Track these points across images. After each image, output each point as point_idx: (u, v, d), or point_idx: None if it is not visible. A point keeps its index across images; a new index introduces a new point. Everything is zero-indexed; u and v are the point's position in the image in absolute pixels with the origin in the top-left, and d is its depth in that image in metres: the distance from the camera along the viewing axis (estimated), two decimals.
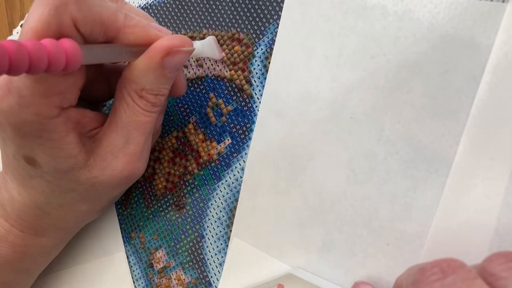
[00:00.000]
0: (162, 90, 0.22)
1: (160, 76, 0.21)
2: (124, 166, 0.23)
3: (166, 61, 0.21)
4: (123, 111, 0.22)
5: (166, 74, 0.21)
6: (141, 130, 0.22)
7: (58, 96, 0.19)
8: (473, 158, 0.19)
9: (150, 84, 0.21)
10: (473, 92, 0.19)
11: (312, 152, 0.22)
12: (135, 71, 0.21)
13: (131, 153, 0.23)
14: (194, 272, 0.26)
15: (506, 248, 0.18)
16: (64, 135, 0.20)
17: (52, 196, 0.23)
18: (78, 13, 0.18)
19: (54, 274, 0.30)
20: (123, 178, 0.23)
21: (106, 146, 0.22)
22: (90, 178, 0.22)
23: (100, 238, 0.29)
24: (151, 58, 0.21)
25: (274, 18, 0.24)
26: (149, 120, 0.22)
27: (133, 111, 0.22)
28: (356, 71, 0.21)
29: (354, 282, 0.21)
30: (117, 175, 0.23)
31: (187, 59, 0.22)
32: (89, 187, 0.23)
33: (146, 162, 0.25)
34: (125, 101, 0.22)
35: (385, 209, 0.21)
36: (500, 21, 0.18)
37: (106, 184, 0.23)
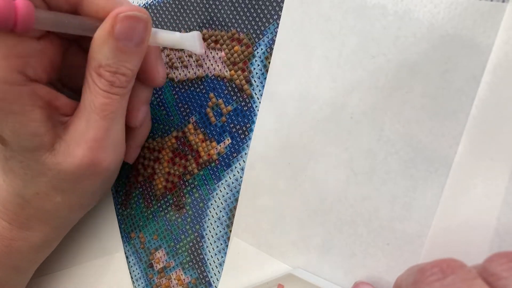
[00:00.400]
0: (120, 68, 0.21)
1: (115, 49, 0.20)
2: (84, 153, 0.21)
3: (117, 31, 0.20)
4: (85, 93, 0.21)
5: (121, 46, 0.20)
6: (101, 114, 0.21)
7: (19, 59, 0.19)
8: (473, 158, 0.19)
9: (106, 59, 0.20)
10: (473, 92, 0.19)
11: (312, 152, 0.22)
12: (93, 46, 0.20)
13: (91, 139, 0.21)
14: (194, 272, 0.26)
15: (506, 248, 0.18)
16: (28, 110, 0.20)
17: (26, 180, 0.22)
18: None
19: (54, 274, 0.30)
20: (85, 167, 0.22)
21: (71, 132, 0.22)
22: (55, 164, 0.21)
23: (99, 238, 0.29)
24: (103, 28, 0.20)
25: (274, 18, 0.24)
26: (108, 102, 0.21)
27: (93, 92, 0.21)
28: (356, 71, 0.21)
29: (354, 282, 0.21)
30: (77, 163, 0.22)
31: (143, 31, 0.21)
32: (56, 173, 0.22)
33: (116, 156, 0.23)
34: (87, 82, 0.21)
35: (385, 209, 0.21)
36: (500, 21, 0.18)
37: (70, 173, 0.22)
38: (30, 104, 0.20)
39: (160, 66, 0.24)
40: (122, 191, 0.29)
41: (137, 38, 0.21)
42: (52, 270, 0.30)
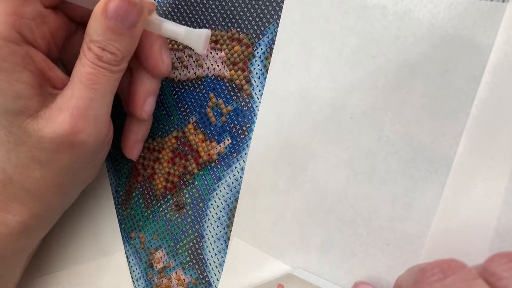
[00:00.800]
0: (108, 46, 0.21)
1: (105, 28, 0.21)
2: (65, 119, 0.21)
3: (109, 10, 0.20)
4: (75, 64, 0.22)
5: (112, 26, 0.21)
6: (86, 83, 0.21)
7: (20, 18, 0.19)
8: (473, 158, 0.19)
9: (96, 35, 0.21)
10: (473, 92, 0.19)
11: (312, 152, 0.22)
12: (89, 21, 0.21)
13: (73, 106, 0.21)
14: (194, 272, 0.26)
15: (507, 248, 0.18)
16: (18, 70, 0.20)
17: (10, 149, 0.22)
18: None
19: (54, 274, 0.30)
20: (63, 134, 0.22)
21: (58, 100, 0.22)
22: (36, 130, 0.22)
23: (99, 238, 0.29)
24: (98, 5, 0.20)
25: (274, 18, 0.24)
26: (94, 73, 0.21)
27: (81, 62, 0.21)
28: (356, 71, 0.21)
29: (354, 282, 0.21)
30: (58, 130, 0.21)
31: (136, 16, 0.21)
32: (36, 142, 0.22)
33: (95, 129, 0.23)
34: (79, 56, 0.22)
35: (385, 209, 0.21)
36: (500, 21, 0.18)
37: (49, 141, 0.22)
38: (21, 65, 0.20)
39: (165, 54, 0.24)
40: (122, 191, 0.29)
41: (129, 21, 0.21)
42: (52, 270, 0.30)
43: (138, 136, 0.27)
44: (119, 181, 0.29)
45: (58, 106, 0.22)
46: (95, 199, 0.30)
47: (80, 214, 0.30)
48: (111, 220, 0.29)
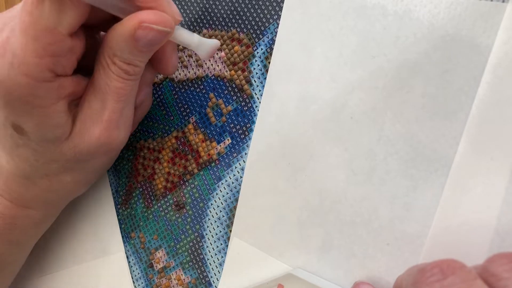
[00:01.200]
0: (134, 61, 0.22)
1: (133, 48, 0.21)
2: (101, 132, 0.22)
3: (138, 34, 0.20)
4: (98, 75, 0.22)
5: (139, 47, 0.21)
6: (116, 97, 0.22)
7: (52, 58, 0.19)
8: (473, 158, 0.19)
9: (121, 52, 0.21)
10: (473, 92, 0.19)
11: (312, 152, 0.22)
12: (112, 35, 0.21)
13: (107, 119, 0.22)
14: (194, 272, 0.26)
15: (507, 248, 0.18)
16: (54, 103, 0.20)
17: (37, 166, 0.23)
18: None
19: (54, 274, 0.30)
20: (100, 145, 0.23)
21: (86, 111, 0.22)
22: (72, 148, 0.22)
23: (99, 238, 0.29)
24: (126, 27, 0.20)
25: (274, 18, 0.24)
26: (123, 87, 0.22)
27: (107, 76, 0.22)
28: (356, 71, 0.21)
29: (354, 282, 0.21)
30: (94, 142, 0.23)
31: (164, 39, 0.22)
32: (70, 157, 0.23)
33: (126, 133, 0.24)
34: (101, 65, 0.22)
35: (385, 209, 0.21)
36: (500, 21, 0.18)
37: (86, 152, 0.23)
38: (56, 97, 0.20)
39: (174, 57, 0.24)
40: (122, 191, 0.29)
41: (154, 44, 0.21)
42: (52, 270, 0.30)
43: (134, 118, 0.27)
44: (119, 181, 0.29)
45: (90, 119, 0.22)
46: (95, 199, 0.30)
47: (80, 214, 0.30)
48: (111, 220, 0.29)
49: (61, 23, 0.19)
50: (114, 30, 0.21)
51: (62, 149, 0.22)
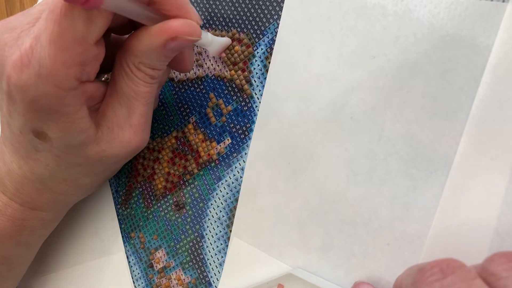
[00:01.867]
0: (159, 66, 0.22)
1: (160, 55, 0.21)
2: (131, 137, 0.23)
3: (170, 45, 0.21)
4: (123, 82, 0.22)
5: (166, 54, 0.21)
6: (142, 100, 0.22)
7: (79, 67, 0.19)
8: (473, 158, 0.19)
9: (149, 60, 0.21)
10: (473, 92, 0.19)
11: (312, 152, 0.22)
12: (138, 44, 0.21)
13: (136, 124, 0.23)
14: (194, 272, 0.26)
15: (507, 248, 0.18)
16: (78, 109, 0.20)
17: (57, 171, 0.23)
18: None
19: (54, 274, 0.30)
20: (131, 149, 0.23)
21: (112, 118, 0.22)
22: (99, 152, 0.22)
23: (100, 238, 0.29)
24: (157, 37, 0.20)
25: (274, 18, 0.24)
26: (149, 90, 0.22)
27: (133, 81, 0.22)
28: (356, 71, 0.21)
29: (354, 282, 0.21)
30: (125, 147, 0.23)
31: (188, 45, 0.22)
32: (96, 161, 0.23)
33: (149, 133, 0.25)
34: (125, 72, 0.22)
35: (385, 209, 0.21)
36: (500, 21, 0.18)
37: (114, 157, 0.23)
38: (80, 104, 0.21)
39: (192, 55, 0.25)
40: (122, 191, 0.29)
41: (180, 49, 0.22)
42: (52, 270, 0.30)
43: None
44: (119, 181, 0.29)
45: (116, 125, 0.22)
46: (95, 199, 0.30)
47: (80, 214, 0.30)
48: (111, 220, 0.29)
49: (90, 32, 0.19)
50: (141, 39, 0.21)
51: (88, 154, 0.22)
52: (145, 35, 0.21)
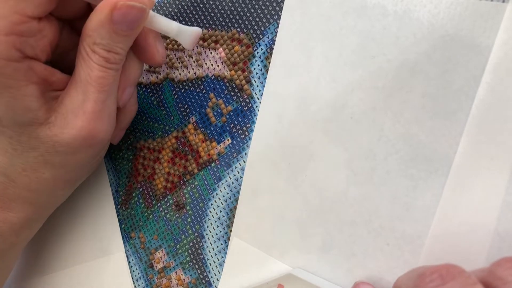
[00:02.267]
0: (115, 48, 0.22)
1: (111, 32, 0.21)
2: (83, 124, 0.22)
3: (115, 16, 0.20)
4: (80, 66, 0.22)
5: (117, 30, 0.21)
6: (97, 87, 0.22)
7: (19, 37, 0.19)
8: (473, 158, 0.19)
9: (101, 38, 0.21)
10: (473, 92, 0.19)
11: (312, 152, 0.22)
12: (89, 23, 0.21)
13: (89, 111, 0.22)
14: (194, 272, 0.26)
15: (506, 248, 0.18)
16: (23, 85, 0.20)
17: (15, 156, 0.23)
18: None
19: (54, 274, 0.30)
20: (83, 138, 0.23)
21: (67, 104, 0.22)
22: (51, 136, 0.22)
23: (99, 238, 0.29)
24: (101, 11, 0.20)
25: (274, 18, 0.24)
26: (104, 76, 0.22)
27: (88, 66, 0.22)
28: (356, 71, 0.21)
29: (354, 282, 0.21)
30: (76, 134, 0.22)
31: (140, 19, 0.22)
32: (49, 146, 0.22)
33: (110, 127, 0.24)
34: (81, 56, 0.22)
35: (385, 209, 0.21)
36: (500, 21, 0.18)
37: (66, 145, 0.22)
38: (25, 80, 0.20)
39: (159, 45, 0.24)
40: (122, 191, 0.29)
41: (133, 24, 0.21)
42: (52, 270, 0.30)
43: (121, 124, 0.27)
44: (119, 181, 0.29)
45: (71, 112, 0.22)
46: (95, 199, 0.30)
47: (80, 214, 0.30)
48: (111, 220, 0.29)
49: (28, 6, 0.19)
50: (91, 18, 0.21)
51: (40, 136, 0.22)
52: (93, 12, 0.21)
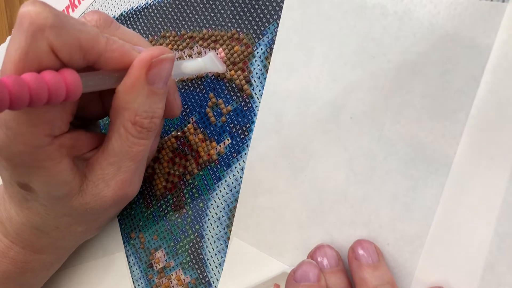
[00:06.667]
0: (156, 111, 0.21)
1: (150, 95, 0.20)
2: (115, 192, 0.22)
3: (150, 75, 0.20)
4: (115, 141, 0.21)
5: (155, 90, 0.20)
6: (134, 160, 0.22)
7: (46, 124, 0.19)
8: (473, 158, 0.19)
9: (142, 106, 0.20)
10: (473, 92, 0.19)
11: (312, 152, 0.22)
12: (124, 97, 0.20)
13: (122, 180, 0.22)
14: (193, 272, 0.26)
15: (506, 248, 0.18)
16: (57, 162, 0.20)
17: (48, 219, 0.23)
18: (56, 38, 0.17)
19: (54, 274, 0.30)
20: (114, 203, 0.23)
21: (99, 173, 0.22)
22: (83, 204, 0.22)
23: (99, 238, 0.29)
24: (135, 77, 0.20)
25: (274, 18, 0.24)
26: (143, 149, 0.22)
27: (126, 142, 0.21)
28: (356, 71, 0.21)
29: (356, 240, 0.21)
30: (108, 201, 0.22)
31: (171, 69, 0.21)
32: (82, 212, 0.23)
33: (139, 183, 0.25)
34: (118, 132, 0.21)
35: (385, 209, 0.21)
36: (500, 21, 0.18)
37: (98, 209, 0.23)
38: (58, 157, 0.20)
39: (177, 97, 0.24)
40: None
41: (166, 77, 0.21)
42: None
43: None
44: None
45: (103, 181, 0.22)
46: None
47: None
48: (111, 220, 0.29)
49: None
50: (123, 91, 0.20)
51: (73, 205, 0.22)
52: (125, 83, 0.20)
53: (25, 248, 0.24)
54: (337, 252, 0.21)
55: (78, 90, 0.17)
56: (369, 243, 0.20)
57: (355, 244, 0.20)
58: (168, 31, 0.28)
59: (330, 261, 0.20)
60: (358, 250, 0.20)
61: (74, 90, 0.17)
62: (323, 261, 0.20)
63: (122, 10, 0.30)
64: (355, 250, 0.20)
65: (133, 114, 0.21)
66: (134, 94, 0.20)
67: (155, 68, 0.20)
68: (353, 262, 0.20)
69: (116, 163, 0.22)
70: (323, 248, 0.21)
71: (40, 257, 0.25)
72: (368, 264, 0.19)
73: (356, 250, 0.20)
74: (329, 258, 0.20)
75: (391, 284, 0.19)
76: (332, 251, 0.21)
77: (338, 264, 0.20)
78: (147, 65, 0.20)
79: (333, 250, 0.21)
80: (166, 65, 0.20)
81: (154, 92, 0.20)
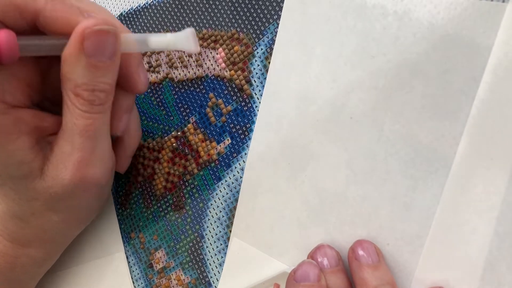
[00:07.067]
0: (98, 85, 0.20)
1: (90, 67, 0.19)
2: (73, 174, 0.21)
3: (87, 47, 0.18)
4: (64, 115, 0.20)
5: (95, 63, 0.19)
6: (84, 135, 0.20)
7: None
8: (473, 158, 0.19)
9: (81, 78, 0.19)
10: (473, 92, 0.19)
11: (312, 152, 0.22)
12: (64, 66, 0.19)
13: (78, 160, 0.21)
14: (194, 272, 0.26)
15: (506, 248, 0.18)
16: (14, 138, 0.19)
17: (20, 203, 0.22)
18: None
19: (53, 274, 0.30)
20: (75, 186, 0.22)
21: (57, 154, 0.21)
22: (46, 188, 0.21)
23: (99, 239, 0.29)
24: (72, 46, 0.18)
25: (274, 18, 0.24)
26: (91, 123, 0.20)
27: (72, 114, 0.20)
28: (356, 71, 0.21)
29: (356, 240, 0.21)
30: (68, 184, 0.21)
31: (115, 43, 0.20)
32: (48, 197, 0.22)
33: (104, 169, 0.23)
34: (65, 103, 0.20)
35: (385, 209, 0.21)
36: (500, 21, 0.18)
37: (62, 194, 0.22)
38: (16, 132, 0.19)
39: (141, 72, 0.23)
40: (122, 191, 0.29)
41: (109, 51, 0.20)
42: (52, 270, 0.30)
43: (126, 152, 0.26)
44: (119, 181, 0.29)
45: (61, 162, 0.21)
46: None
47: None
48: (111, 220, 0.29)
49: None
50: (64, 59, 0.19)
51: (36, 188, 0.21)
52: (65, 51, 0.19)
53: (13, 242, 0.24)
54: (337, 252, 0.21)
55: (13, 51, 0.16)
56: (369, 243, 0.20)
57: (355, 244, 0.20)
58: (168, 31, 0.28)
59: (330, 261, 0.20)
60: (358, 250, 0.20)
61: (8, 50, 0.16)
62: (323, 261, 0.20)
63: (122, 10, 0.30)
64: (355, 250, 0.20)
65: (73, 84, 0.19)
66: (71, 64, 0.19)
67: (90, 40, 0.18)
68: (353, 262, 0.20)
69: (69, 140, 0.21)
70: (323, 248, 0.21)
71: (28, 251, 0.25)
72: (368, 264, 0.19)
73: (356, 250, 0.20)
74: (329, 258, 0.20)
75: (391, 284, 0.19)
76: (332, 251, 0.21)
77: (338, 264, 0.20)
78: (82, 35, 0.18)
79: (333, 250, 0.21)
80: (105, 37, 0.19)
81: (93, 65, 0.19)
